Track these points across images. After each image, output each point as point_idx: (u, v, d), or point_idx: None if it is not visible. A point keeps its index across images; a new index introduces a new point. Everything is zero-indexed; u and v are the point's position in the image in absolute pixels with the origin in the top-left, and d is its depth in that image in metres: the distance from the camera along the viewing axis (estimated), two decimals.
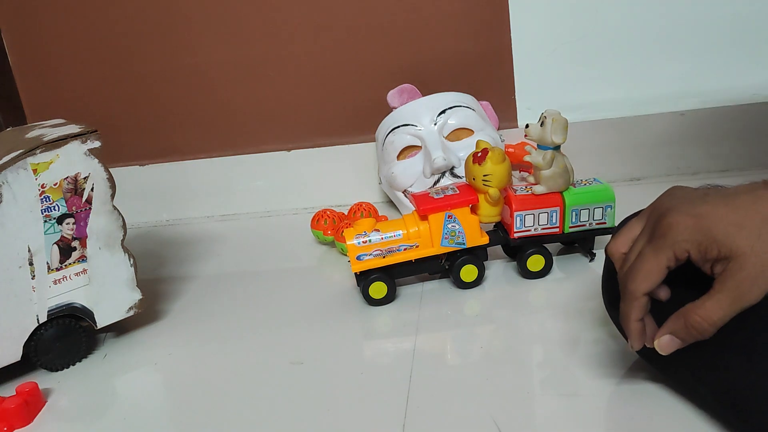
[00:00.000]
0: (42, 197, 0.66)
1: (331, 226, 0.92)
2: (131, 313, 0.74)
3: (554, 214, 0.74)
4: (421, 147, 0.93)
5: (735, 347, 0.46)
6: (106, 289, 0.72)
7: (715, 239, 0.42)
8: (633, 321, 0.47)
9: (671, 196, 0.48)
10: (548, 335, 0.64)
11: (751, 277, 0.41)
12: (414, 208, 0.76)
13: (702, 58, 0.98)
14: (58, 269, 0.69)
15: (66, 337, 0.70)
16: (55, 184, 0.67)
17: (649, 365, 0.55)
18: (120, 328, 0.77)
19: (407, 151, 0.94)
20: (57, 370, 0.70)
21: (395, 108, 0.97)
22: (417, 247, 0.73)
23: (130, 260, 0.73)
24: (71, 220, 0.69)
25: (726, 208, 0.43)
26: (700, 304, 0.44)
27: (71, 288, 0.70)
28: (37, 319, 0.68)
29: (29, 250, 0.67)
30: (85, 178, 0.69)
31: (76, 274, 0.70)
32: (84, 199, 0.69)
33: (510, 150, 0.98)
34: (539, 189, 0.74)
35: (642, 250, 0.47)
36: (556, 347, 0.62)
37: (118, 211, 0.72)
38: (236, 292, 0.84)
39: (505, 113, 1.04)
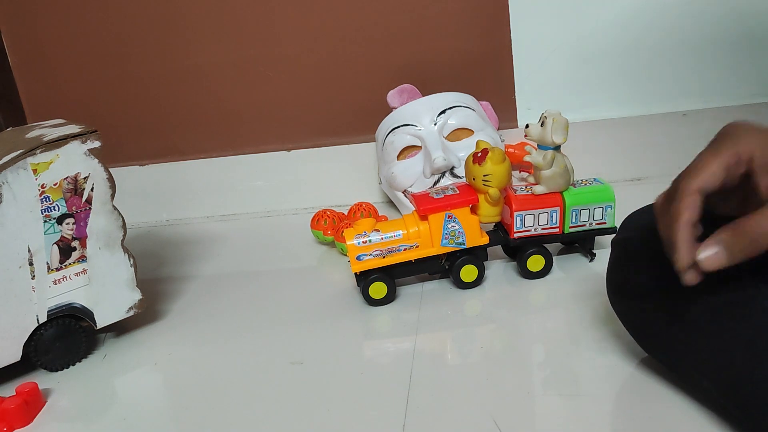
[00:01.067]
0: (42, 197, 0.66)
1: (331, 226, 0.92)
2: (131, 313, 0.74)
3: (554, 214, 0.74)
4: (421, 147, 0.93)
5: (740, 343, 0.45)
6: (106, 289, 0.72)
7: None
8: (683, 224, 0.40)
9: (731, 124, 0.44)
10: (548, 335, 0.64)
11: None
12: (414, 208, 0.76)
13: (703, 58, 0.98)
14: (58, 269, 0.69)
15: (66, 337, 0.70)
16: (55, 184, 0.67)
17: (651, 360, 0.55)
18: (120, 328, 0.77)
19: (407, 151, 0.94)
20: (57, 370, 0.70)
21: (395, 108, 0.97)
22: (417, 247, 0.73)
23: (130, 260, 0.73)
24: (71, 220, 0.69)
25: None
26: (760, 214, 0.39)
27: (71, 288, 0.70)
28: (37, 319, 0.68)
29: (29, 250, 0.67)
30: (85, 178, 0.69)
31: (76, 274, 0.70)
32: (84, 199, 0.69)
33: (510, 150, 0.98)
34: (539, 189, 0.74)
35: (701, 153, 0.42)
36: (557, 347, 0.62)
37: (118, 211, 0.72)
38: (236, 292, 0.84)
39: (505, 113, 1.04)
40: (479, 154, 0.73)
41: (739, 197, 0.42)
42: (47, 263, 0.68)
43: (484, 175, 0.72)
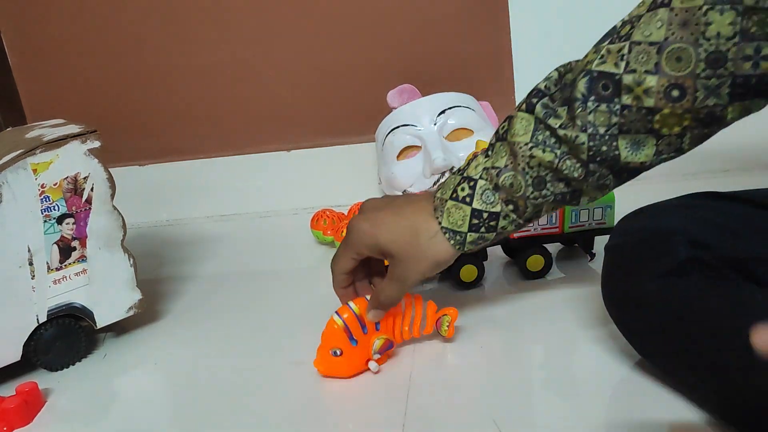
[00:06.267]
0: (42, 197, 0.66)
1: (331, 227, 0.92)
2: (131, 313, 0.74)
3: (554, 214, 0.74)
4: (421, 147, 0.93)
5: (737, 347, 0.45)
6: (105, 289, 0.72)
7: (381, 244, 0.57)
8: (337, 289, 0.63)
9: (361, 206, 0.61)
10: (548, 335, 0.64)
11: (404, 273, 0.57)
12: None
13: None
14: (57, 269, 0.69)
15: (66, 337, 0.70)
16: (55, 184, 0.67)
17: (650, 365, 0.55)
18: (120, 328, 0.77)
19: (407, 151, 0.94)
20: (57, 370, 0.70)
21: (395, 108, 0.97)
22: None
23: (130, 260, 0.73)
24: (71, 220, 0.69)
25: (394, 217, 0.57)
26: (382, 287, 0.59)
27: (71, 288, 0.70)
28: (37, 319, 0.68)
29: (29, 250, 0.67)
30: (84, 178, 0.69)
31: (76, 274, 0.70)
32: (84, 199, 0.69)
33: None
34: None
35: (339, 247, 0.62)
36: (556, 347, 0.62)
37: (118, 211, 0.72)
38: (236, 293, 0.84)
39: (505, 113, 1.03)
40: None
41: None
42: (47, 263, 0.68)
43: None
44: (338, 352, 0.60)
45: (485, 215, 0.55)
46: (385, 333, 0.62)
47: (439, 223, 0.56)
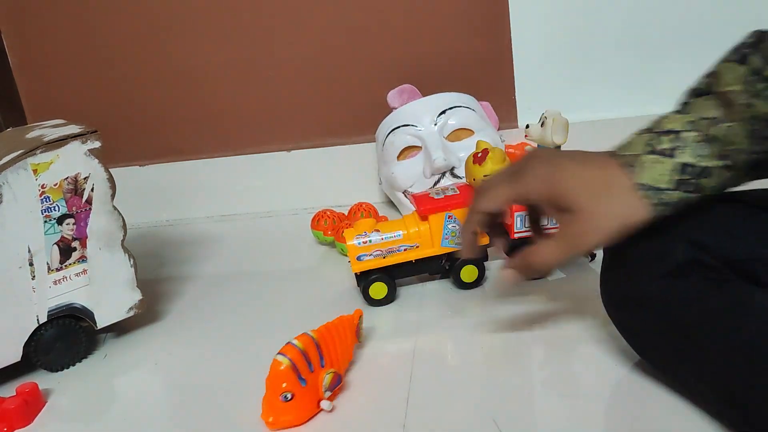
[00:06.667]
0: (42, 197, 0.66)
1: (331, 227, 0.92)
2: (131, 313, 0.74)
3: None
4: (421, 147, 0.93)
5: (736, 348, 0.45)
6: (106, 289, 0.72)
7: (563, 191, 0.48)
8: (466, 232, 0.55)
9: (532, 155, 0.53)
10: (548, 335, 0.64)
11: (584, 231, 0.49)
12: (414, 209, 0.76)
13: (703, 58, 0.97)
14: (58, 269, 0.69)
15: (66, 338, 0.70)
16: (55, 185, 0.67)
17: (650, 366, 0.55)
18: (120, 329, 0.77)
19: (407, 151, 0.94)
20: (57, 371, 0.70)
21: (395, 108, 0.97)
22: (417, 247, 0.73)
23: (130, 260, 0.73)
24: (71, 220, 0.69)
25: (579, 166, 0.49)
26: (538, 247, 0.51)
27: (71, 288, 0.70)
28: (37, 320, 0.68)
29: (29, 251, 0.67)
30: (85, 179, 0.69)
31: (76, 275, 0.70)
32: (84, 199, 0.69)
33: (510, 150, 0.98)
34: None
35: (499, 178, 0.52)
36: (557, 347, 0.62)
37: (118, 211, 0.72)
38: (236, 293, 0.84)
39: (506, 113, 1.04)
40: (479, 155, 0.73)
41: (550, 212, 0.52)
42: (47, 263, 0.68)
43: (485, 176, 0.72)
44: (289, 396, 0.54)
45: (696, 170, 0.48)
46: (332, 366, 0.58)
47: (635, 178, 0.48)
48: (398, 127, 0.95)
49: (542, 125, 0.71)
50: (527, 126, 0.72)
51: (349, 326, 0.62)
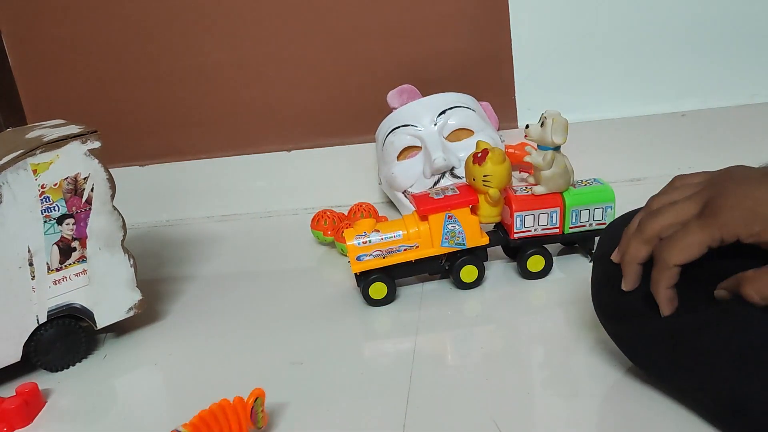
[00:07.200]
0: (42, 198, 0.66)
1: (331, 227, 0.92)
2: (131, 313, 0.74)
3: (554, 214, 0.74)
4: (421, 147, 0.93)
5: (728, 357, 0.45)
6: (106, 289, 0.72)
7: None
8: (662, 288, 0.47)
9: (731, 175, 0.47)
10: (548, 335, 0.64)
11: None
12: (414, 209, 0.76)
13: (702, 58, 0.98)
14: (57, 269, 0.69)
15: (66, 338, 0.70)
16: (55, 185, 0.67)
17: (647, 375, 0.55)
18: (120, 329, 0.77)
19: (407, 151, 0.94)
20: (57, 371, 0.70)
21: (395, 108, 0.97)
22: (417, 247, 0.73)
23: (130, 260, 0.73)
24: (71, 220, 0.69)
25: None
26: (757, 275, 0.43)
27: (71, 288, 0.70)
28: (37, 320, 0.68)
29: (29, 251, 0.67)
30: (85, 179, 0.69)
31: (76, 275, 0.70)
32: (84, 199, 0.69)
33: (510, 150, 0.98)
34: (539, 189, 0.74)
35: (688, 222, 0.46)
36: (556, 347, 0.62)
37: (118, 211, 0.72)
38: (236, 293, 0.84)
39: (505, 114, 1.04)
40: (479, 155, 0.73)
41: None
42: (47, 263, 0.68)
43: (484, 176, 0.72)
44: None
45: None
46: None
47: None
48: (398, 127, 0.95)
49: (542, 125, 0.71)
50: (527, 126, 0.72)
51: (241, 410, 0.53)
